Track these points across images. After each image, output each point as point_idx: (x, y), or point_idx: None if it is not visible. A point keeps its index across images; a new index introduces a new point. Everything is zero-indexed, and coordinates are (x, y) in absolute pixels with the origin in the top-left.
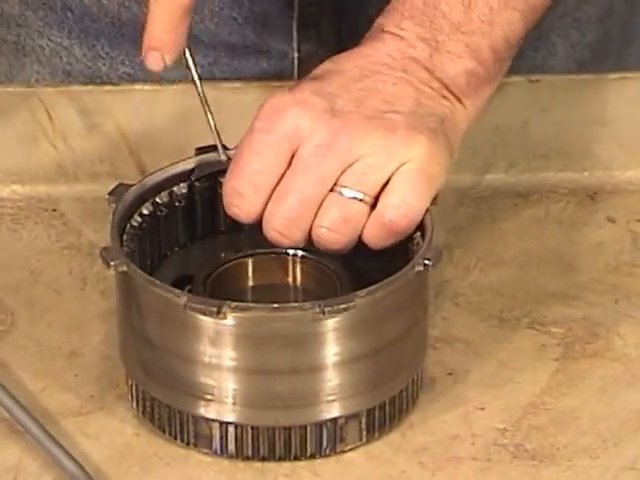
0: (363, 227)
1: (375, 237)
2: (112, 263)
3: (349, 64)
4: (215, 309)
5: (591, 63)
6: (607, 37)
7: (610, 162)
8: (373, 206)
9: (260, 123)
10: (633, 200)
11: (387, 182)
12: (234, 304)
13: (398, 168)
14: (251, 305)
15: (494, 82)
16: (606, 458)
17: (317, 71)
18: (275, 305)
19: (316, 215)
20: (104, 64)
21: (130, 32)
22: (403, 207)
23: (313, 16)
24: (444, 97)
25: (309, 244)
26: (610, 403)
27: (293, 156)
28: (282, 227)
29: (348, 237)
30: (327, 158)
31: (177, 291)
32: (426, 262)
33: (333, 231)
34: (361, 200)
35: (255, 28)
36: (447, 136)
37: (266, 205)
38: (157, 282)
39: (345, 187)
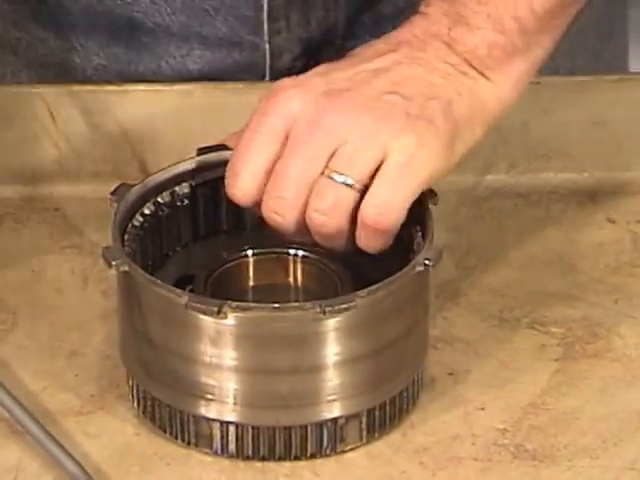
0: (353, 215)
1: (363, 239)
2: (114, 263)
3: (372, 46)
4: (216, 309)
5: (565, 58)
6: (581, 33)
7: (610, 163)
8: (364, 192)
9: (260, 105)
10: (633, 201)
11: (376, 170)
12: (235, 304)
13: (385, 159)
14: (252, 305)
15: (525, 55)
16: (606, 458)
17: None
18: (276, 305)
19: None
20: (78, 56)
21: (104, 23)
22: (383, 207)
23: (282, 8)
24: (463, 73)
25: (304, 231)
26: (610, 403)
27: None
28: (277, 206)
29: (337, 222)
30: (315, 136)
31: (178, 291)
32: (426, 262)
33: (323, 214)
34: (351, 186)
35: (226, 20)
36: (452, 121)
37: (261, 186)
38: (158, 282)
39: (336, 172)
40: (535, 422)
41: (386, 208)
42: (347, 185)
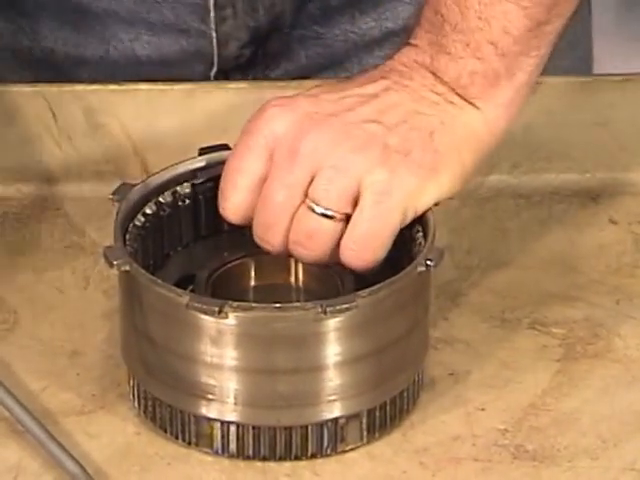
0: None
1: (348, 261)
2: (115, 262)
3: (367, 73)
4: (217, 309)
5: None
6: None
7: (612, 164)
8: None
9: (247, 125)
10: (635, 202)
11: (356, 200)
12: (236, 304)
13: (361, 192)
14: (253, 305)
15: (509, 81)
16: (606, 459)
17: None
18: (277, 305)
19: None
20: (27, 38)
21: (53, 7)
22: (364, 242)
23: None
24: (450, 102)
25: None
26: (611, 404)
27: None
28: (261, 232)
29: (318, 252)
30: (294, 162)
31: (179, 291)
32: (428, 263)
33: (301, 245)
34: (330, 217)
35: (173, 7)
36: (434, 151)
37: (250, 205)
38: (159, 281)
39: (314, 202)
40: (535, 423)
41: (366, 242)
42: (326, 216)
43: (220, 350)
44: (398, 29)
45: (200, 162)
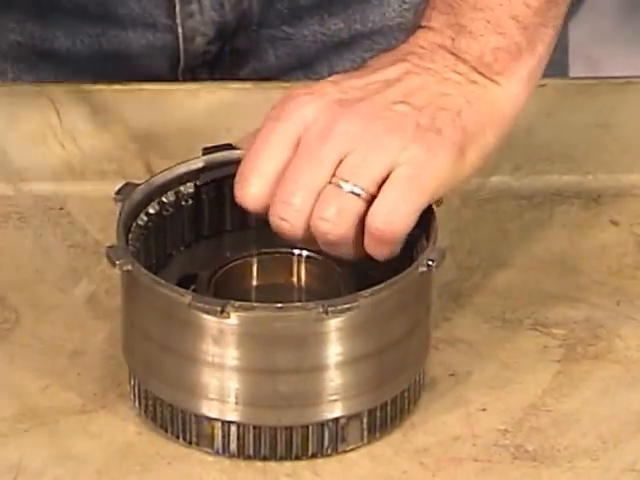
0: (359, 224)
1: (370, 247)
2: (117, 262)
3: (383, 57)
4: (219, 308)
5: None
6: None
7: (614, 165)
8: (371, 202)
9: (272, 111)
10: (636, 203)
11: (384, 181)
12: (238, 304)
13: (392, 169)
14: (255, 305)
15: (531, 53)
16: (606, 459)
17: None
18: (279, 305)
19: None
20: None
21: (20, 0)
22: (389, 216)
23: None
24: (473, 82)
25: (311, 238)
26: (611, 405)
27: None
28: (284, 213)
29: (342, 230)
30: (325, 143)
31: (182, 290)
32: (430, 263)
33: (327, 222)
34: (358, 195)
35: (140, 1)
36: (462, 130)
37: (271, 193)
38: (162, 281)
39: (343, 179)
40: (536, 423)
41: (393, 218)
42: (354, 194)
43: (221, 350)
44: (367, 31)
45: (203, 162)
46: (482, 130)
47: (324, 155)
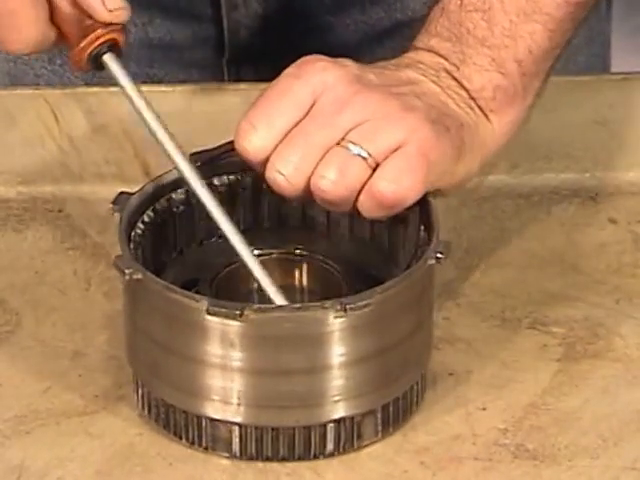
0: (359, 192)
1: (365, 206)
2: (127, 271)
3: (395, 61)
4: (238, 312)
5: None
6: None
7: (612, 163)
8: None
9: (291, 69)
10: (634, 201)
11: (389, 154)
12: (256, 306)
13: (403, 143)
14: (273, 306)
15: (522, 100)
16: (607, 458)
17: None
18: (297, 305)
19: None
20: None
21: None
22: (394, 183)
23: None
24: (470, 107)
25: (305, 195)
26: (611, 403)
27: (311, 108)
28: (285, 169)
29: (345, 191)
30: (341, 111)
31: (197, 296)
32: (438, 255)
33: (327, 179)
34: (364, 159)
35: None
36: (461, 140)
37: (275, 148)
38: (175, 288)
39: (352, 142)
40: (536, 422)
41: (397, 185)
42: (360, 157)
43: (226, 352)
44: (407, 20)
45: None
46: (471, 151)
47: (338, 121)
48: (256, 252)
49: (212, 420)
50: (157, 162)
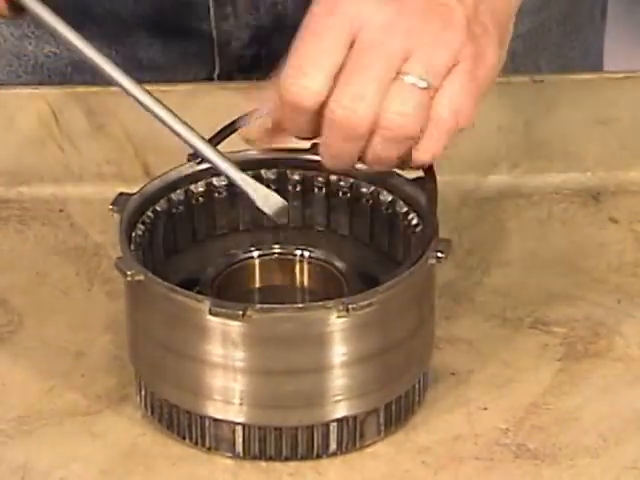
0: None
1: (430, 137)
2: (129, 273)
3: None
4: (240, 312)
5: (525, 56)
6: (544, 28)
7: (613, 163)
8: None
9: (320, 7)
10: (636, 200)
11: (445, 76)
12: (258, 306)
13: (454, 65)
14: (275, 306)
15: None
16: (607, 457)
17: None
18: (300, 305)
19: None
20: (30, 43)
21: (54, 10)
22: (456, 106)
23: None
24: None
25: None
26: (612, 403)
27: (352, 43)
28: (352, 102)
29: (415, 124)
30: (391, 37)
31: (199, 297)
32: (439, 255)
33: (405, 116)
34: (425, 89)
35: (172, 6)
36: (499, 24)
37: (330, 90)
38: (177, 289)
39: (414, 75)
40: (537, 421)
41: (459, 107)
42: (425, 88)
43: (228, 351)
44: None
45: (192, 168)
46: (508, 21)
47: (390, 49)
48: (257, 252)
49: (215, 420)
50: (157, 162)
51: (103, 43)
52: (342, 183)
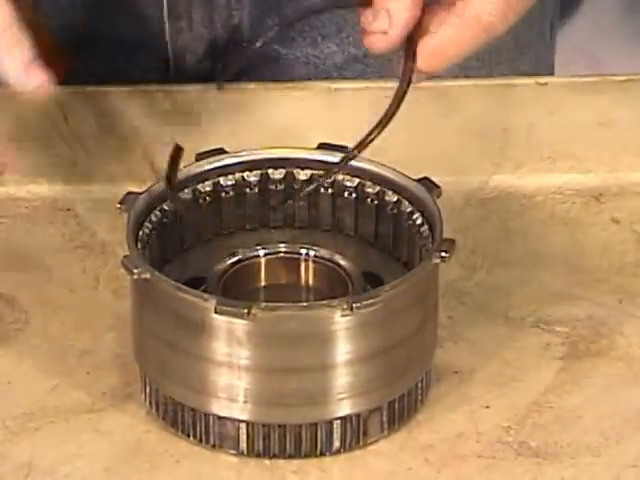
0: None
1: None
2: (135, 271)
3: None
4: (245, 311)
5: (479, 70)
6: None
7: (615, 164)
8: None
9: None
10: (637, 201)
11: None
12: (263, 305)
13: None
14: (279, 305)
15: None
16: (609, 456)
17: None
18: (304, 304)
19: None
20: None
21: None
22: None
23: (184, 6)
24: None
25: None
26: (613, 402)
27: None
28: None
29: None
30: None
31: (205, 295)
32: (442, 254)
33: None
34: None
35: (126, 20)
36: None
37: None
38: (184, 287)
39: None
40: (539, 420)
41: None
42: None
43: (233, 350)
44: (360, 55)
45: (199, 167)
46: None
47: None
48: (263, 251)
49: (219, 418)
50: (165, 162)
51: (60, 57)
52: (348, 183)
